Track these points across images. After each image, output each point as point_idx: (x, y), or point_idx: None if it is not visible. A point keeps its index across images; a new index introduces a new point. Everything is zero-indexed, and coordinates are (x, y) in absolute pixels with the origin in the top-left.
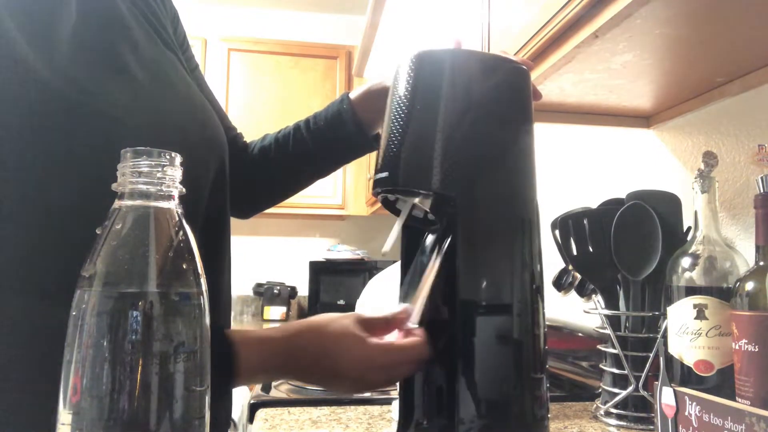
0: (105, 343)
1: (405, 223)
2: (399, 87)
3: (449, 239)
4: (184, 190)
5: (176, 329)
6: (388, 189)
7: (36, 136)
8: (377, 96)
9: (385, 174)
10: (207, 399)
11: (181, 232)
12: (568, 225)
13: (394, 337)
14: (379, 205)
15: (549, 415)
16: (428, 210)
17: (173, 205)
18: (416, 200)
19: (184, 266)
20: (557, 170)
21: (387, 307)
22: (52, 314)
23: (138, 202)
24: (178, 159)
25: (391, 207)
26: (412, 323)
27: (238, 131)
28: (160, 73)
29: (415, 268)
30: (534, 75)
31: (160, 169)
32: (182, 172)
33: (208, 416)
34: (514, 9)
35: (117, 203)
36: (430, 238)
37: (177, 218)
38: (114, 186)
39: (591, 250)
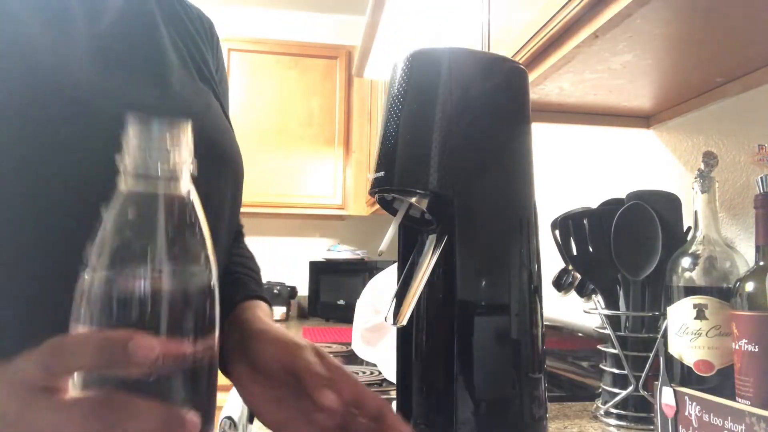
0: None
1: (402, 222)
2: (395, 86)
3: (445, 239)
4: (195, 169)
5: (185, 314)
6: (385, 189)
7: (35, 138)
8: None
9: (381, 173)
10: (215, 385)
11: (190, 212)
12: (568, 225)
13: None
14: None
15: (548, 415)
16: (425, 210)
17: (182, 184)
18: (413, 200)
19: (194, 249)
20: (557, 170)
21: (383, 306)
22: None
23: (144, 180)
24: (188, 131)
25: (389, 207)
26: (401, 323)
27: (242, 225)
28: (180, 92)
29: (411, 268)
30: (534, 75)
31: (168, 143)
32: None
33: (216, 403)
34: (514, 9)
35: (121, 181)
36: (426, 238)
37: (187, 197)
38: (118, 160)
39: (591, 250)
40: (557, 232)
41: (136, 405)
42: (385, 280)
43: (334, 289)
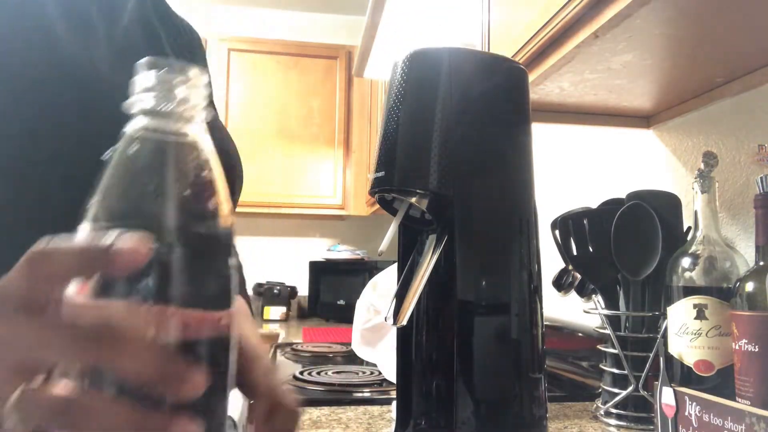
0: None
1: (402, 222)
2: (395, 85)
3: (445, 239)
4: (212, 111)
5: (201, 280)
6: (385, 188)
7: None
8: None
9: (381, 173)
10: (227, 362)
11: (205, 161)
12: (568, 225)
13: None
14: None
15: (548, 415)
16: (425, 210)
17: (197, 129)
18: (413, 200)
19: (209, 203)
20: (557, 170)
21: (383, 306)
22: None
23: (151, 125)
24: (205, 75)
25: (389, 207)
26: (401, 323)
27: None
28: None
29: (411, 268)
30: (534, 75)
31: (182, 85)
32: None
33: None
34: (514, 9)
35: (128, 125)
36: (426, 238)
37: (201, 144)
38: (125, 104)
39: (591, 250)
40: (557, 232)
41: (125, 333)
42: (385, 280)
43: (334, 289)
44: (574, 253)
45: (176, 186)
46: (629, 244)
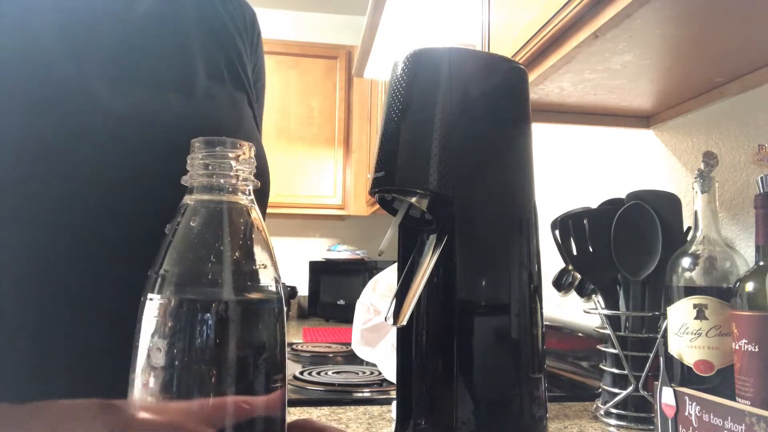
0: (178, 352)
1: (402, 222)
2: (395, 85)
3: (445, 239)
4: (258, 183)
5: (255, 334)
6: (385, 188)
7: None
8: None
9: (381, 173)
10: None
11: (257, 229)
12: (568, 225)
13: None
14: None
15: (548, 416)
16: (425, 210)
17: (247, 200)
18: (413, 200)
19: (261, 266)
20: (557, 170)
21: (383, 306)
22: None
23: (210, 197)
24: (253, 150)
25: (389, 207)
26: (401, 323)
27: None
28: (208, 104)
29: (411, 268)
30: (534, 75)
31: (234, 161)
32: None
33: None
34: (514, 9)
35: (187, 198)
36: (426, 238)
37: (254, 213)
38: (183, 179)
39: (591, 250)
40: (557, 232)
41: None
42: (385, 280)
43: (334, 289)
44: (574, 253)
45: (233, 252)
46: (629, 244)
